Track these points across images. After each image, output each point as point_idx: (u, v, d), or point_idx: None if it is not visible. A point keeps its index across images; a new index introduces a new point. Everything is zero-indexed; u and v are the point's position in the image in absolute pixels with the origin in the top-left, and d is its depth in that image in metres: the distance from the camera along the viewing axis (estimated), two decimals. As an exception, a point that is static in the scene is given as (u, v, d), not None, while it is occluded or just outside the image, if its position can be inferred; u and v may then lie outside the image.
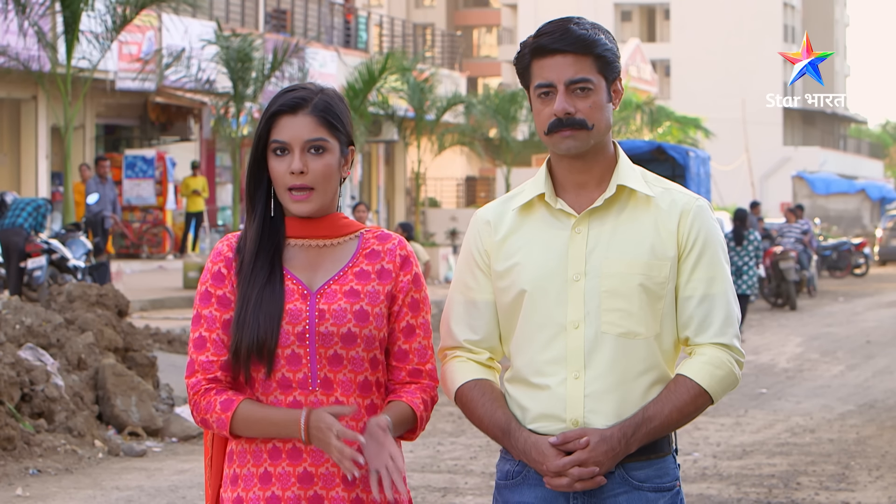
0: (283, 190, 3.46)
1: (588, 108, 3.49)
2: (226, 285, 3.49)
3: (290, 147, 3.44)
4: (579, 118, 3.48)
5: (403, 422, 3.47)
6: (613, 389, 3.48)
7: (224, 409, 3.41)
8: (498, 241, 3.59)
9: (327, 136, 3.46)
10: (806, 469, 10.26)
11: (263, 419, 3.39)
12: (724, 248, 3.57)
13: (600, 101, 3.51)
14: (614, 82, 3.56)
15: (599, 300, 3.48)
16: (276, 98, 3.49)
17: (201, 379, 3.45)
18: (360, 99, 30.78)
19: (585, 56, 3.49)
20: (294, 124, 3.45)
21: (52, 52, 21.21)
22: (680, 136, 46.88)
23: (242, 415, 3.40)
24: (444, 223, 41.61)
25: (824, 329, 22.72)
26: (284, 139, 3.44)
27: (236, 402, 3.41)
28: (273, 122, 3.46)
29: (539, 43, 3.50)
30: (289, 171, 3.43)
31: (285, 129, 3.45)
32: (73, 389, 11.15)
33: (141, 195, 30.11)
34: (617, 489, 3.50)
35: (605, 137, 3.55)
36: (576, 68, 3.48)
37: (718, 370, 3.49)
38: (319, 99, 3.48)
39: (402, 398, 3.49)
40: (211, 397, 3.43)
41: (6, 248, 18.17)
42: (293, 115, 3.45)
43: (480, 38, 77.90)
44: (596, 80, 3.50)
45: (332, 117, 3.47)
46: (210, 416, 3.43)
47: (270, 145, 3.46)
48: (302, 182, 3.44)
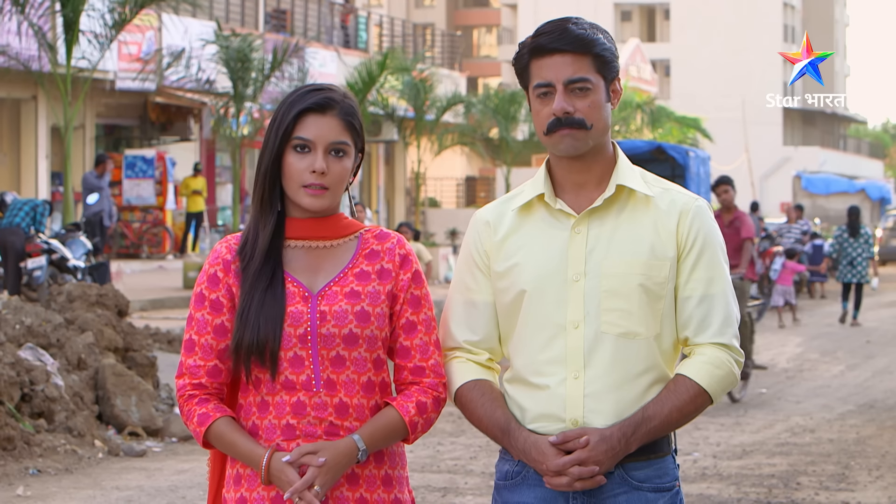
0: (298, 186, 3.45)
1: (587, 108, 3.49)
2: (220, 289, 3.49)
3: (314, 146, 3.44)
4: (578, 118, 3.48)
5: (389, 434, 3.46)
6: (613, 389, 3.47)
7: (200, 423, 3.45)
8: (497, 242, 3.58)
9: (349, 140, 3.47)
10: (806, 469, 10.26)
11: (230, 446, 3.45)
12: (723, 246, 3.56)
13: (599, 100, 3.50)
14: (613, 82, 3.56)
15: (599, 300, 3.48)
16: (302, 95, 3.47)
17: (187, 383, 3.48)
18: (359, 99, 30.80)
19: (584, 55, 3.48)
20: (321, 124, 3.45)
21: (51, 51, 21.19)
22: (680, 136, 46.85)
23: (214, 434, 3.45)
24: (444, 223, 41.62)
25: (824, 329, 22.72)
26: (310, 137, 3.44)
27: (212, 418, 3.45)
28: (299, 119, 3.45)
29: (537, 43, 3.50)
30: (309, 170, 3.43)
31: (312, 127, 3.44)
32: (73, 389, 11.15)
33: (141, 195, 30.10)
34: (616, 489, 3.50)
35: (603, 138, 3.54)
36: (574, 67, 3.48)
37: (718, 370, 3.49)
38: (346, 103, 3.48)
39: (393, 404, 3.48)
40: (192, 406, 3.47)
41: (4, 248, 18.17)
42: (321, 114, 3.45)
43: (480, 38, 77.91)
44: (594, 79, 3.50)
45: (356, 122, 3.49)
46: (189, 425, 3.49)
47: (292, 141, 3.45)
48: (321, 182, 3.44)
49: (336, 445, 3.39)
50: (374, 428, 3.44)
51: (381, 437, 3.45)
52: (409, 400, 3.48)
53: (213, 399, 3.49)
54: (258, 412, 3.47)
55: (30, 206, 18.78)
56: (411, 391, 3.50)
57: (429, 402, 3.50)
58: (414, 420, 3.47)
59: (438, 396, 3.52)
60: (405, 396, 3.49)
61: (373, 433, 3.44)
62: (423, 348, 3.52)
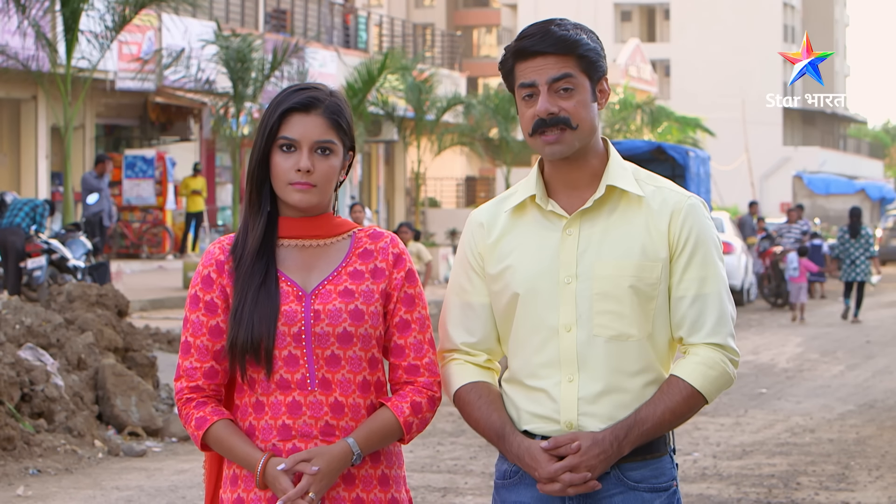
0: (284, 185, 3.45)
1: (572, 107, 3.46)
2: (214, 290, 3.49)
3: (299, 145, 3.45)
4: (563, 116, 3.46)
5: (384, 436, 3.46)
6: (607, 392, 3.46)
7: (197, 426, 3.47)
8: (491, 244, 3.57)
9: (335, 138, 3.48)
10: (806, 469, 10.26)
11: (228, 451, 3.46)
12: (718, 246, 3.52)
13: (584, 99, 3.48)
14: (599, 82, 3.53)
15: (591, 303, 3.46)
16: (287, 94, 3.49)
17: (184, 386, 3.49)
18: (359, 99, 30.80)
19: (567, 56, 3.46)
20: (305, 123, 3.45)
21: (51, 51, 21.20)
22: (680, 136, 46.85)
23: (212, 437, 3.46)
24: (444, 223, 41.63)
25: (824, 329, 22.72)
26: (294, 136, 3.45)
27: (209, 422, 3.46)
28: (283, 119, 3.46)
29: (521, 45, 3.49)
30: (294, 168, 3.44)
31: (296, 126, 3.45)
32: (73, 389, 11.15)
33: (141, 195, 30.11)
34: (612, 489, 3.48)
35: (591, 139, 3.51)
36: (559, 66, 3.46)
37: (711, 370, 3.47)
38: (331, 101, 3.49)
39: (388, 404, 3.48)
40: (190, 409, 3.48)
41: (4, 248, 18.18)
42: (305, 113, 3.46)
43: (480, 38, 77.91)
44: (579, 78, 3.47)
45: (342, 121, 3.49)
46: (188, 428, 3.50)
47: (277, 141, 3.46)
48: (306, 180, 3.44)
49: (331, 451, 3.39)
50: (369, 430, 3.44)
51: (377, 439, 3.45)
52: (403, 400, 3.48)
53: (210, 402, 3.49)
54: (254, 413, 3.47)
55: (30, 206, 18.78)
56: (406, 391, 3.50)
57: (423, 402, 3.49)
58: (409, 420, 3.47)
59: (433, 395, 3.52)
60: (400, 397, 3.49)
61: (368, 436, 3.43)
62: (416, 347, 3.51)
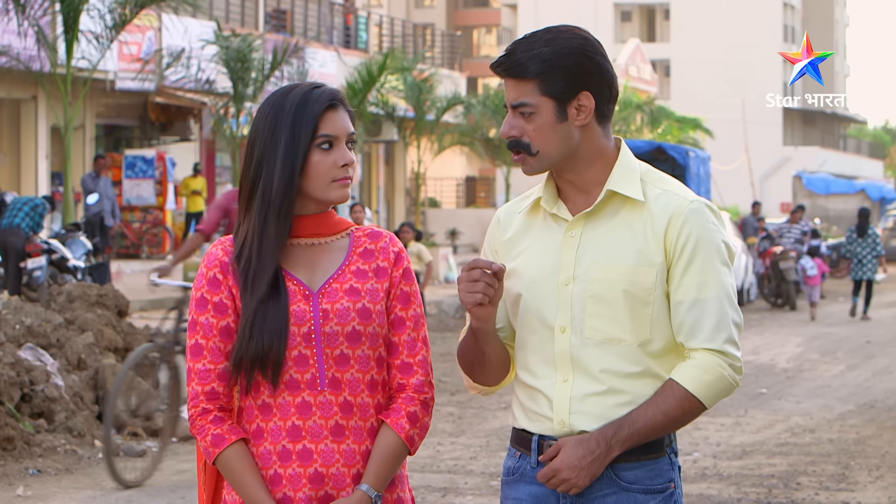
0: (327, 183, 3.43)
1: (532, 131, 3.46)
2: (222, 291, 3.45)
3: (338, 140, 3.45)
4: (524, 142, 3.47)
5: (393, 463, 3.44)
6: (600, 394, 3.46)
7: (214, 444, 3.40)
8: (505, 242, 3.61)
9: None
10: (806, 469, 10.26)
11: (238, 483, 3.40)
12: (722, 251, 3.47)
13: (546, 122, 3.45)
14: (573, 100, 3.45)
15: (584, 305, 3.47)
16: (306, 94, 3.44)
17: (199, 391, 3.43)
18: (359, 99, 30.79)
19: (524, 81, 3.45)
20: (339, 118, 3.46)
21: (51, 52, 21.20)
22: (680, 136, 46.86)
23: (227, 460, 3.40)
24: (444, 223, 41.63)
25: (824, 329, 22.72)
26: (334, 132, 3.44)
27: (227, 441, 3.40)
28: (320, 118, 3.44)
29: (491, 65, 3.53)
30: (339, 164, 3.43)
31: (332, 122, 3.45)
32: (73, 389, 11.16)
33: (141, 195, 30.10)
34: (605, 489, 3.48)
35: (559, 160, 3.48)
36: (517, 92, 3.46)
37: (707, 374, 3.44)
38: (341, 93, 3.53)
39: (387, 421, 3.45)
40: (206, 423, 3.42)
41: (4, 248, 18.18)
42: (336, 109, 3.47)
43: (480, 38, 77.92)
44: (537, 102, 3.44)
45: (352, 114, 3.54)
46: (201, 441, 3.43)
47: (317, 139, 3.43)
48: (349, 174, 3.45)
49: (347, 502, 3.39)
50: (378, 466, 3.42)
51: (387, 471, 3.44)
52: (399, 415, 3.46)
53: (227, 418, 3.44)
54: (261, 415, 3.44)
55: (30, 205, 18.77)
56: (398, 402, 3.47)
57: (418, 410, 3.48)
58: (410, 435, 3.46)
59: (426, 399, 3.50)
60: (395, 412, 3.46)
61: (377, 473, 3.42)
62: (410, 344, 3.51)
